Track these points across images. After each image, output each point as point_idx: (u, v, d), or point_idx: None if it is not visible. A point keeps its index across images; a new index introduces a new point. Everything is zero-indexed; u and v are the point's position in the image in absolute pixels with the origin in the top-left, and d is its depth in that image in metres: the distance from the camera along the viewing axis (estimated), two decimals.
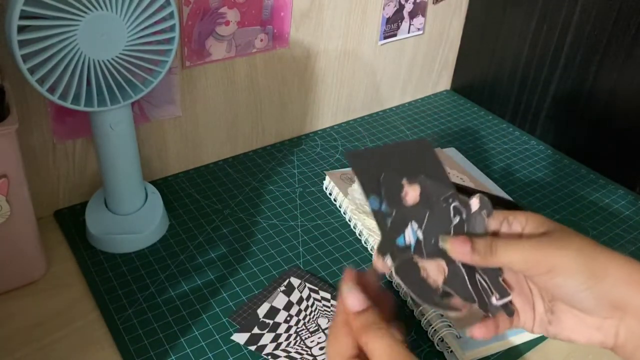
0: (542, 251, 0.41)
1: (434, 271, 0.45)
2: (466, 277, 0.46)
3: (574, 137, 0.89)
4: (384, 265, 0.42)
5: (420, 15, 0.94)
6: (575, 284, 0.41)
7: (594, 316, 0.42)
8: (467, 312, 0.47)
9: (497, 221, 0.45)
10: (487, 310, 0.45)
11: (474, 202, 0.45)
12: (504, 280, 0.46)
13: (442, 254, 0.46)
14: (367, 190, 0.45)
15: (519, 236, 0.44)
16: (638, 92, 0.79)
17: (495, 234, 0.46)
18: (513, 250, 0.42)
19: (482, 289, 0.46)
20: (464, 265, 0.46)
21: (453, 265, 0.46)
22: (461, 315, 0.46)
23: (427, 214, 0.46)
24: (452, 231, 0.46)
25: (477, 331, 0.45)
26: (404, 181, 0.46)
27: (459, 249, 0.43)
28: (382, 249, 0.44)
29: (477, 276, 0.46)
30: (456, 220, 0.46)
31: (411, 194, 0.46)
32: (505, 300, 0.45)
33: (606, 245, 0.43)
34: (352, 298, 0.39)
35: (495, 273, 0.46)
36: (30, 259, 0.61)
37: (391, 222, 0.45)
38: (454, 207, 0.47)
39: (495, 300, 0.45)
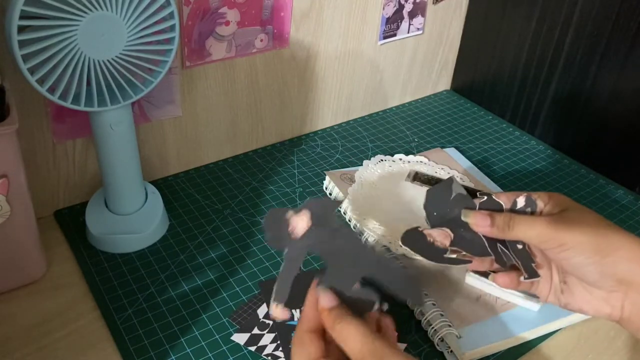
0: (554, 228, 0.45)
1: (439, 236, 0.50)
2: (485, 242, 0.50)
3: (574, 137, 0.89)
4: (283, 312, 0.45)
5: (420, 15, 0.94)
6: (581, 259, 0.45)
7: (600, 289, 0.46)
8: (481, 263, 0.52)
9: (523, 198, 0.50)
10: (504, 264, 0.50)
11: (520, 200, 0.49)
12: (536, 265, 0.50)
13: (447, 223, 0.50)
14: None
15: (539, 214, 0.49)
16: (638, 92, 0.79)
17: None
18: (528, 227, 0.47)
19: (502, 252, 0.50)
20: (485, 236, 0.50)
21: (459, 231, 0.49)
22: (474, 266, 0.51)
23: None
24: (477, 206, 0.50)
25: (501, 279, 0.51)
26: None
27: (480, 223, 0.48)
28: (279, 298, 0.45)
29: (499, 245, 0.50)
30: (483, 198, 0.50)
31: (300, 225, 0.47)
32: (535, 279, 0.50)
33: None
34: (326, 297, 0.42)
35: (528, 258, 0.50)
36: (30, 259, 0.61)
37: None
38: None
39: (523, 279, 0.50)
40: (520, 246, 0.50)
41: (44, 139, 0.67)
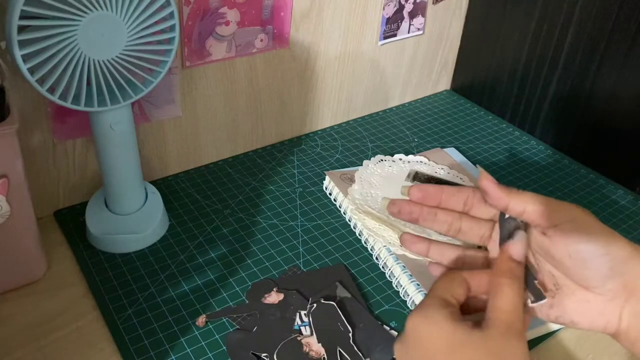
0: (565, 204, 0.43)
1: (315, 345, 0.55)
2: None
3: (574, 137, 0.89)
4: None
5: (420, 15, 0.94)
6: (596, 245, 0.40)
7: (601, 294, 0.41)
8: None
9: None
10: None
11: None
12: (539, 283, 0.47)
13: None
14: None
15: None
16: (638, 92, 0.79)
17: None
18: (537, 195, 0.43)
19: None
20: None
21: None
22: None
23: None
24: None
25: (434, 268, 0.48)
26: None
27: (488, 178, 0.45)
28: None
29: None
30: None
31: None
32: (541, 302, 0.46)
33: None
34: (522, 249, 0.43)
35: (530, 276, 0.47)
36: (30, 259, 0.61)
37: None
38: None
39: (530, 303, 0.46)
40: None
41: (44, 139, 0.67)
